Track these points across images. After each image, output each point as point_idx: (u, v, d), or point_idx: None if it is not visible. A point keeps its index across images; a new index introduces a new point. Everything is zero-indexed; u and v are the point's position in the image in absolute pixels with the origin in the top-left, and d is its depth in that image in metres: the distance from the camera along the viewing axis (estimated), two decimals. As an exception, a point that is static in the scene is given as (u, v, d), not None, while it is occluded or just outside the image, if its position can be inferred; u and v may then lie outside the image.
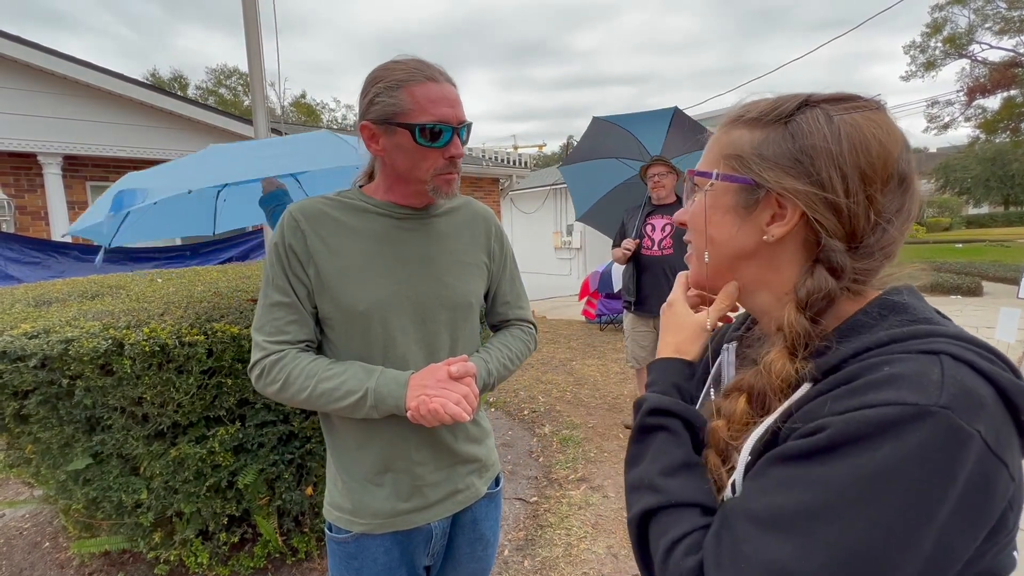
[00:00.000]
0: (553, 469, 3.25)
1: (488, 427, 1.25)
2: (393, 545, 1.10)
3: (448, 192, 1.04)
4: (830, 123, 0.54)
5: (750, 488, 0.51)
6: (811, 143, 0.54)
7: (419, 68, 0.97)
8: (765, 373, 0.55)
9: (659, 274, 3.49)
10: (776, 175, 0.56)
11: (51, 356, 1.74)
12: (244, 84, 32.38)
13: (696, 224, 0.65)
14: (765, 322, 0.64)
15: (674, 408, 0.65)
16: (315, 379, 0.97)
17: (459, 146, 1.01)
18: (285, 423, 2.04)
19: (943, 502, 0.42)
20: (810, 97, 0.57)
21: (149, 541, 2.08)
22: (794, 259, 0.58)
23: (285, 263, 1.01)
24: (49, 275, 5.04)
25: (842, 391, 0.48)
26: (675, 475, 0.59)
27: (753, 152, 0.58)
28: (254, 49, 3.78)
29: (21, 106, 5.66)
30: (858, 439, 0.44)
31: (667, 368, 0.70)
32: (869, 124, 0.54)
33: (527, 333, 1.25)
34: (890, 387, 0.45)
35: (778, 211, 0.57)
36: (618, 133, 4.09)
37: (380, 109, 0.97)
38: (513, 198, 14.64)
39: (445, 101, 0.97)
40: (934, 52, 23.29)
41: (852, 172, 0.53)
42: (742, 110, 0.62)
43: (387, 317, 1.03)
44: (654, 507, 0.57)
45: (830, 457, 0.45)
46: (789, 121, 0.57)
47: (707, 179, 0.62)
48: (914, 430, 0.43)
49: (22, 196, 6.06)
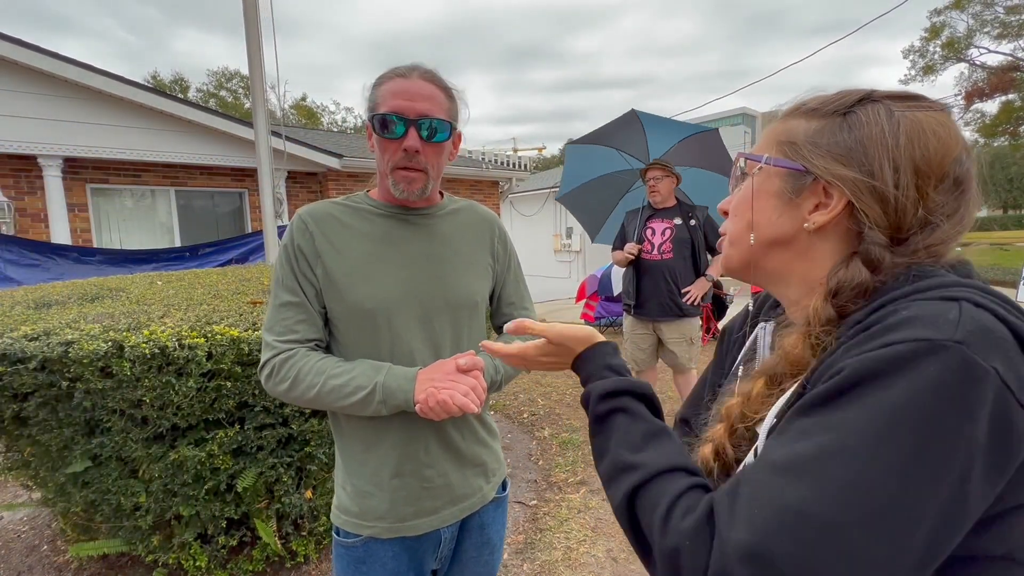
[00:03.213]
0: (552, 472, 3.24)
1: (495, 429, 1.26)
2: (402, 550, 1.10)
3: (407, 189, 1.03)
4: (890, 117, 0.54)
5: (770, 444, 0.50)
6: (867, 133, 0.54)
7: (398, 67, 1.02)
8: (783, 356, 0.56)
9: (659, 278, 3.49)
10: (826, 162, 0.56)
11: (51, 358, 1.74)
12: (244, 87, 32.44)
13: (738, 208, 0.64)
14: (793, 311, 0.63)
15: (619, 386, 0.65)
16: (324, 376, 0.98)
17: (414, 139, 0.99)
18: (284, 426, 2.03)
19: (959, 440, 0.41)
20: (873, 92, 0.57)
21: (147, 544, 2.08)
22: (831, 251, 0.58)
23: (294, 263, 1.03)
24: (49, 277, 5.05)
25: (860, 337, 0.48)
26: (645, 447, 0.58)
27: (807, 139, 0.58)
28: (255, 52, 3.79)
29: (21, 108, 5.67)
30: (872, 377, 0.44)
31: (591, 357, 0.72)
32: (930, 121, 0.53)
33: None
34: (905, 327, 0.45)
35: (823, 200, 0.57)
36: (635, 129, 4.12)
37: (367, 107, 1.04)
38: (513, 201, 14.65)
39: (404, 94, 0.99)
40: (933, 56, 23.37)
41: (906, 164, 0.52)
42: (803, 100, 0.61)
43: (393, 316, 1.04)
44: (635, 485, 0.55)
45: (845, 399, 0.45)
46: (848, 113, 0.56)
47: (757, 162, 0.62)
48: (927, 364, 0.42)
49: (22, 198, 6.07)
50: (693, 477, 0.54)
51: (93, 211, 6.53)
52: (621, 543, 2.50)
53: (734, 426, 0.59)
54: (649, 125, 4.08)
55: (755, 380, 0.59)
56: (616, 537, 2.54)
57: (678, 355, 3.56)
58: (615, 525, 2.64)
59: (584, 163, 4.52)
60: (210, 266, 5.76)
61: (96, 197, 6.57)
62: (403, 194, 1.04)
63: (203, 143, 6.76)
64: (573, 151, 4.68)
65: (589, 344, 0.74)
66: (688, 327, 3.55)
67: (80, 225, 6.38)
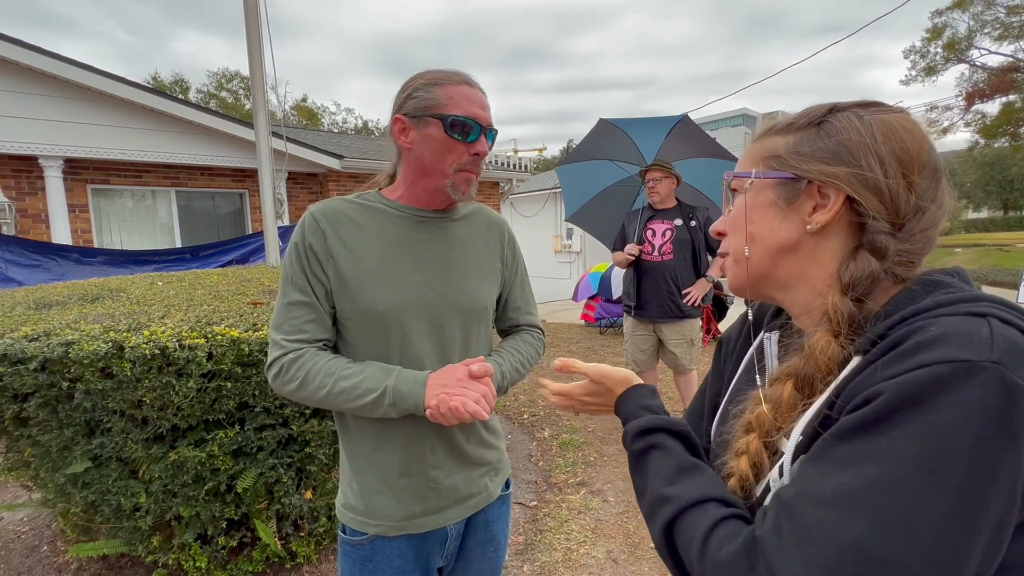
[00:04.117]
0: (553, 473, 3.24)
1: (499, 429, 1.26)
2: (408, 548, 1.10)
3: (465, 191, 1.07)
4: (861, 121, 0.57)
5: (809, 472, 0.49)
6: (846, 137, 0.57)
7: (457, 73, 1.05)
8: (811, 356, 0.55)
9: (659, 279, 3.49)
10: (816, 165, 0.58)
11: (51, 359, 1.74)
12: (245, 88, 32.46)
13: (735, 225, 0.66)
14: (803, 320, 0.64)
15: (652, 424, 0.67)
16: (334, 377, 0.98)
17: (484, 144, 1.05)
18: (284, 426, 2.03)
19: (1006, 462, 0.41)
20: (836, 104, 0.60)
21: (147, 545, 2.08)
22: (836, 248, 0.59)
23: (305, 262, 1.02)
24: (49, 278, 5.05)
25: (892, 356, 0.47)
26: (677, 480, 0.59)
27: (790, 151, 0.60)
28: (255, 52, 3.80)
29: (22, 109, 5.68)
30: (915, 402, 0.43)
31: (628, 399, 0.76)
32: (898, 120, 0.57)
33: (536, 339, 1.27)
34: (939, 346, 0.44)
35: (820, 200, 0.59)
36: (618, 136, 4.12)
37: (416, 103, 1.02)
38: (513, 201, 14.66)
39: (478, 103, 1.04)
40: (934, 57, 23.36)
41: (889, 158, 0.55)
42: (769, 124, 0.64)
43: (404, 319, 1.04)
44: (671, 517, 0.57)
45: (889, 425, 0.44)
46: (822, 123, 0.59)
47: (745, 179, 0.64)
48: (969, 386, 0.42)
49: (23, 199, 6.07)
50: (727, 508, 0.55)
51: (94, 212, 6.53)
52: (621, 544, 2.50)
53: (769, 435, 0.58)
54: (629, 128, 4.09)
55: (783, 384, 0.57)
56: (616, 538, 2.54)
57: (679, 356, 3.55)
58: (615, 526, 2.64)
59: (581, 180, 4.51)
60: (211, 267, 5.77)
61: (97, 198, 6.58)
62: (459, 195, 1.06)
63: (204, 144, 6.76)
64: (565, 172, 4.66)
65: (628, 386, 0.78)
66: (688, 328, 3.55)
67: (81, 226, 6.38)
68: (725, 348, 0.80)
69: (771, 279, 0.64)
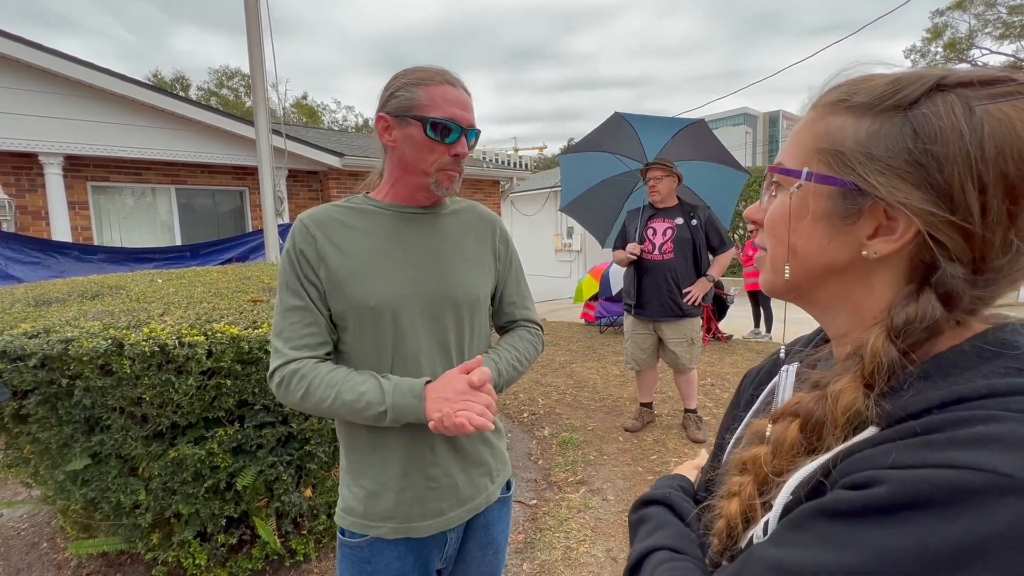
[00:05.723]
0: (552, 472, 3.24)
1: (500, 427, 1.26)
2: (407, 551, 1.10)
3: (448, 187, 1.08)
4: (970, 116, 0.41)
5: (784, 536, 0.42)
6: (941, 143, 0.41)
7: (440, 72, 1.05)
8: (830, 402, 0.45)
9: (659, 278, 3.49)
10: (888, 180, 0.43)
11: (51, 356, 1.74)
12: (245, 85, 32.42)
13: (776, 231, 0.53)
14: (840, 345, 0.53)
15: (652, 496, 0.67)
16: (335, 390, 0.99)
17: (464, 146, 1.06)
18: (284, 424, 2.03)
19: None
20: (943, 79, 0.43)
21: (147, 542, 2.08)
22: (896, 278, 0.47)
23: (297, 267, 1.04)
24: (49, 275, 5.05)
25: (915, 442, 0.38)
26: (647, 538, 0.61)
27: (859, 149, 0.45)
28: (256, 50, 3.79)
29: (22, 106, 5.67)
30: (926, 504, 0.35)
31: (666, 480, 0.75)
32: (1022, 115, 0.40)
33: (534, 335, 1.26)
34: (978, 448, 0.35)
35: (885, 222, 0.45)
36: (627, 131, 4.11)
37: (398, 102, 1.03)
38: (513, 200, 14.65)
39: (458, 103, 1.04)
40: (935, 57, 23.34)
41: (994, 183, 0.40)
42: (848, 90, 0.48)
43: (398, 313, 1.04)
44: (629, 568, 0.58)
45: (888, 520, 0.36)
46: (911, 109, 0.43)
47: (794, 179, 0.50)
48: (1003, 506, 0.33)
49: (23, 196, 6.06)
50: (676, 554, 0.55)
51: (94, 209, 6.53)
52: (621, 543, 2.50)
53: (765, 482, 0.48)
54: (639, 125, 4.09)
55: (788, 423, 0.48)
56: (615, 537, 2.54)
57: (679, 355, 3.55)
58: (615, 525, 2.64)
59: (581, 171, 4.52)
60: (211, 264, 5.76)
61: (97, 195, 6.57)
62: (443, 191, 1.08)
63: (204, 141, 6.75)
64: (567, 161, 4.67)
65: (679, 470, 0.77)
66: (689, 327, 3.55)
67: (81, 223, 6.38)
68: (746, 381, 0.72)
69: (809, 298, 0.54)
